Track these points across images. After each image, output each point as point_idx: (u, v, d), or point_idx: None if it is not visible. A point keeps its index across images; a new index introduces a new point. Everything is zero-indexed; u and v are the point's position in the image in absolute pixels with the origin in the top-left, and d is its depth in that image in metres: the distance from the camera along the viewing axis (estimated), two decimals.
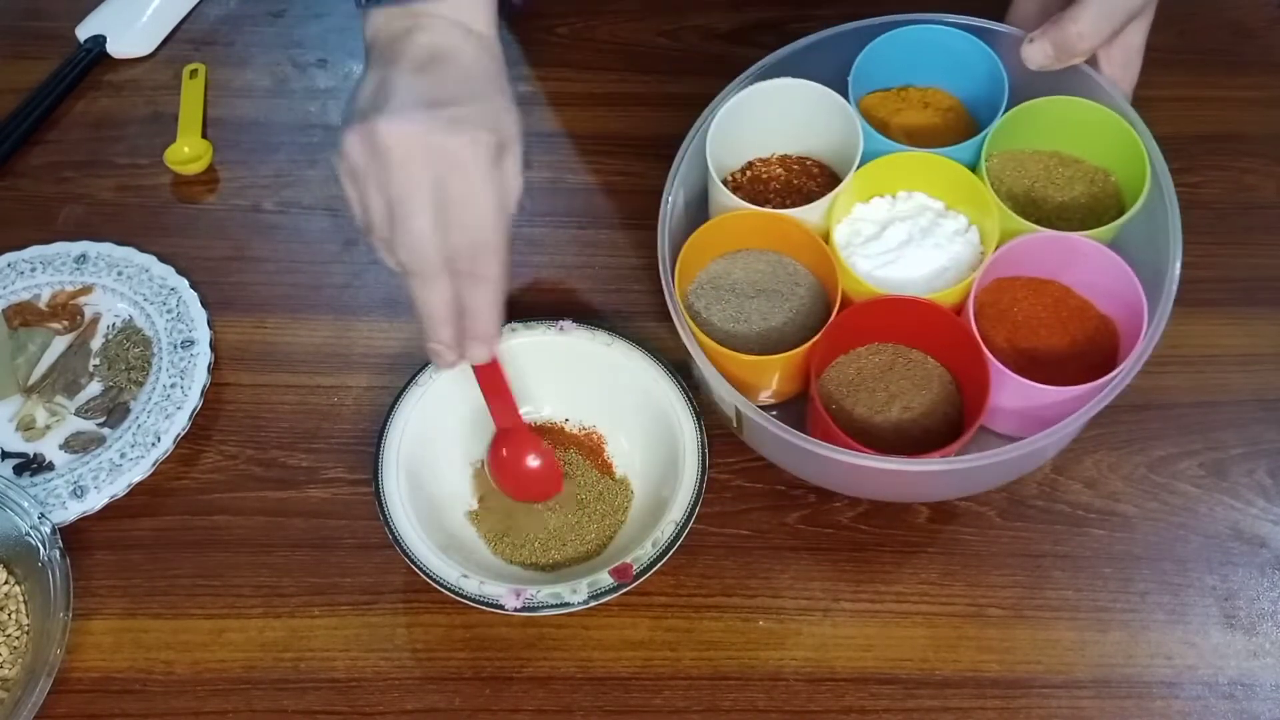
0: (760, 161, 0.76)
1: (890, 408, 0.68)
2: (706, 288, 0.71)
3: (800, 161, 0.76)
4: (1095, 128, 0.70)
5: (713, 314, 0.70)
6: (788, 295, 0.70)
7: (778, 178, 0.75)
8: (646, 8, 0.95)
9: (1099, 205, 0.71)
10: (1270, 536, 0.71)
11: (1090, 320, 0.69)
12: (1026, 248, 0.68)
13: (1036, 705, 0.66)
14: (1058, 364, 0.68)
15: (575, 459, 0.73)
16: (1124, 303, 0.67)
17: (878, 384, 0.69)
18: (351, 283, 0.83)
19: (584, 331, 0.73)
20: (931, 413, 0.68)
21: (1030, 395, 0.64)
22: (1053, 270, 0.70)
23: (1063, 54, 0.67)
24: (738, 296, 0.70)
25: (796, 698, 0.66)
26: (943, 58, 0.74)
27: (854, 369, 0.69)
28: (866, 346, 0.70)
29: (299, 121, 0.91)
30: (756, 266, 0.71)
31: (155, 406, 0.75)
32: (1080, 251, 0.67)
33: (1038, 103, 0.70)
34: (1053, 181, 0.72)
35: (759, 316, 0.70)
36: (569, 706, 0.66)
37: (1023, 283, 0.70)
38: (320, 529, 0.72)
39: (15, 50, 0.96)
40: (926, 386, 0.69)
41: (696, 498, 0.67)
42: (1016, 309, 0.70)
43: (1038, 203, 0.72)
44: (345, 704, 0.66)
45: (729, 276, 0.71)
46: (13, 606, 0.69)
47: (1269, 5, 0.94)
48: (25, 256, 0.82)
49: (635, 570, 0.65)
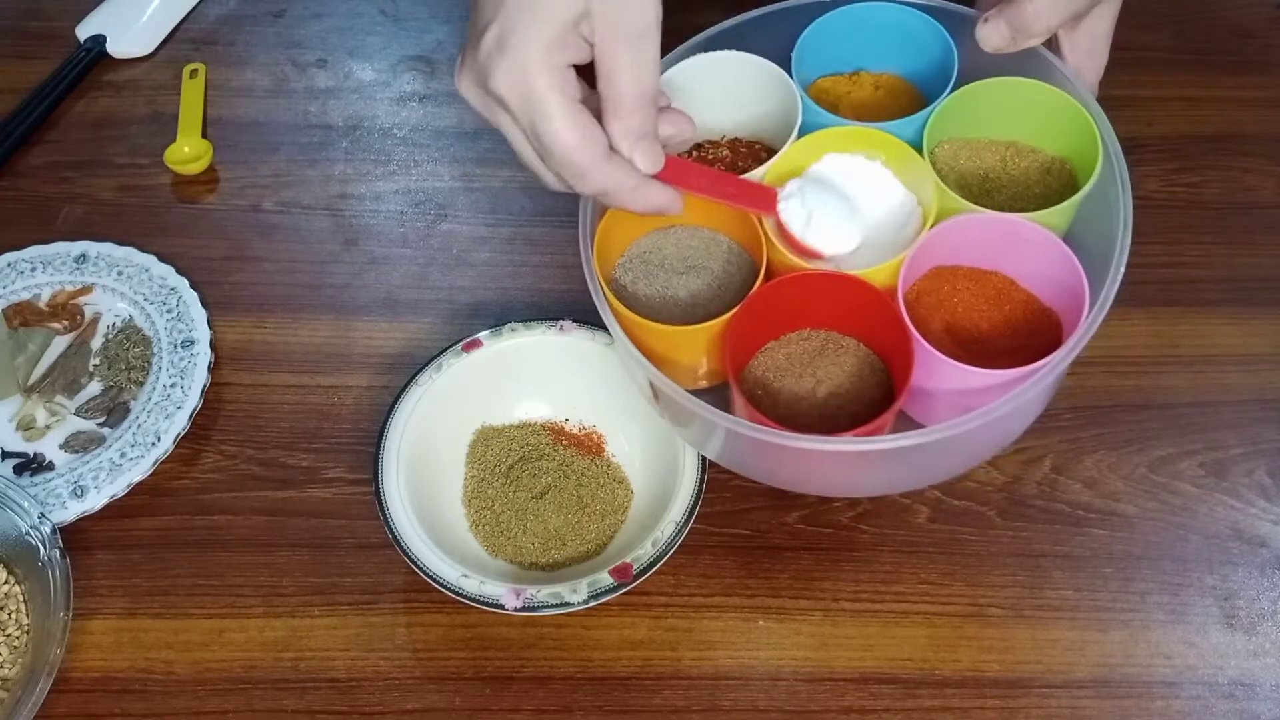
0: (710, 144, 0.73)
1: (816, 392, 0.65)
2: (635, 262, 0.69)
3: (749, 145, 0.72)
4: (1050, 113, 0.67)
5: (639, 288, 0.68)
6: (717, 271, 0.68)
7: (724, 160, 0.71)
8: None
9: (1055, 196, 0.67)
10: (1270, 536, 0.71)
11: (1033, 312, 0.66)
12: (966, 229, 0.64)
13: (1036, 705, 0.66)
14: (998, 355, 0.64)
15: (575, 459, 0.73)
16: (1068, 293, 0.63)
17: (805, 369, 0.66)
18: (351, 282, 0.83)
19: (584, 331, 0.73)
20: (859, 398, 0.65)
21: (961, 378, 0.61)
22: (995, 260, 0.67)
23: (1019, 34, 0.64)
24: (666, 272, 0.68)
25: (796, 697, 0.66)
26: (896, 39, 0.71)
27: (783, 354, 0.67)
28: (798, 332, 0.67)
29: (299, 121, 0.91)
30: (689, 243, 0.69)
31: (155, 406, 0.75)
32: (1022, 236, 0.64)
33: (989, 83, 0.67)
34: (1008, 171, 0.69)
35: (686, 292, 0.67)
36: (569, 706, 0.66)
37: (964, 272, 0.67)
38: (320, 529, 0.72)
39: (15, 50, 0.96)
40: (855, 370, 0.66)
41: (696, 497, 0.67)
42: (956, 299, 0.67)
43: (991, 192, 0.69)
44: (345, 704, 0.66)
45: (660, 252, 0.69)
46: (13, 606, 0.69)
47: (1268, 5, 0.94)
48: (25, 256, 0.83)
49: (635, 570, 0.65)
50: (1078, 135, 0.66)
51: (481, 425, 0.74)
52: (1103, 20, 0.65)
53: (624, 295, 0.67)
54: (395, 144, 0.90)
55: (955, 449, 0.64)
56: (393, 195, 0.87)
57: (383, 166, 0.89)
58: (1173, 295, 0.79)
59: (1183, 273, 0.81)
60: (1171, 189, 0.84)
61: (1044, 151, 0.69)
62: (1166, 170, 0.85)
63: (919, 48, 0.70)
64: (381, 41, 0.96)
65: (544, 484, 0.71)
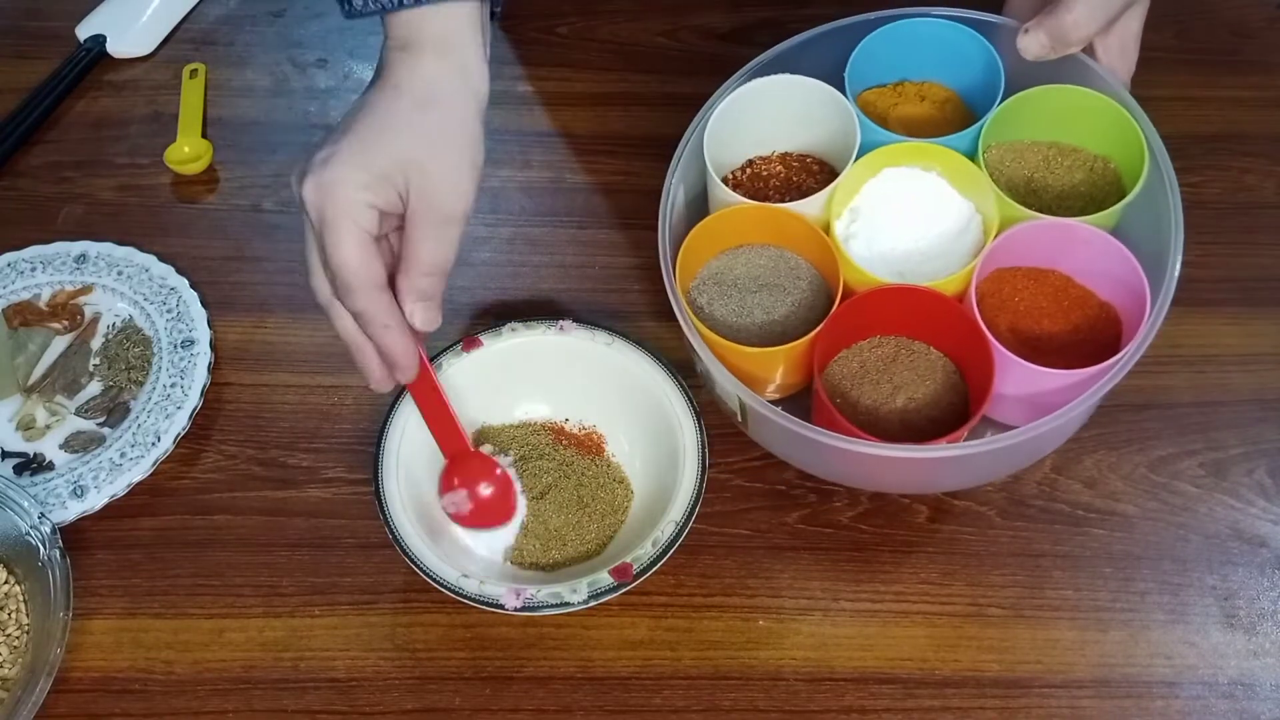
0: (760, 160, 0.76)
1: (895, 399, 0.68)
2: (709, 284, 0.71)
3: (800, 159, 0.76)
4: (1093, 115, 0.70)
5: (715, 309, 0.70)
6: (789, 289, 0.70)
7: (777, 175, 0.75)
8: (646, 8, 0.95)
9: (1099, 193, 0.71)
10: (1270, 536, 0.71)
11: (1092, 308, 0.69)
12: (1026, 234, 0.67)
13: (1036, 705, 0.66)
14: (1060, 352, 0.67)
15: (575, 458, 0.73)
16: (1125, 288, 0.66)
17: (881, 376, 0.69)
18: None
19: (584, 331, 0.73)
20: (936, 403, 0.68)
21: (1035, 380, 0.64)
22: (1052, 259, 0.70)
23: (1058, 43, 0.66)
24: (740, 291, 0.70)
25: (796, 697, 0.66)
26: (939, 51, 0.74)
27: (857, 362, 0.69)
28: (869, 340, 0.70)
29: (299, 121, 0.91)
30: (758, 261, 0.71)
31: (155, 406, 0.75)
32: (1080, 238, 0.67)
33: (1034, 92, 0.70)
34: (1051, 171, 0.72)
35: (761, 311, 0.70)
36: (569, 706, 0.66)
37: (1023, 272, 0.70)
38: (320, 529, 0.72)
39: (15, 50, 0.96)
40: (930, 377, 0.68)
41: (696, 497, 0.67)
42: (1018, 298, 0.69)
43: (1037, 192, 0.71)
44: (345, 704, 0.66)
45: (731, 272, 0.71)
46: (13, 606, 0.69)
47: (1268, 5, 0.94)
48: (25, 256, 0.83)
49: (635, 570, 0.65)
50: (1120, 135, 0.69)
51: (481, 425, 0.74)
52: (1133, 21, 0.68)
53: (702, 317, 0.70)
54: None
55: (1029, 447, 0.67)
56: None
57: None
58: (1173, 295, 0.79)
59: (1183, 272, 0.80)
60: None
61: (1086, 150, 0.72)
62: None
63: (963, 60, 0.73)
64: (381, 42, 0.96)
65: (544, 484, 0.71)
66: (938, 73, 0.76)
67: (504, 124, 0.90)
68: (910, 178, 0.71)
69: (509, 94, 0.92)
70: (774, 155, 0.76)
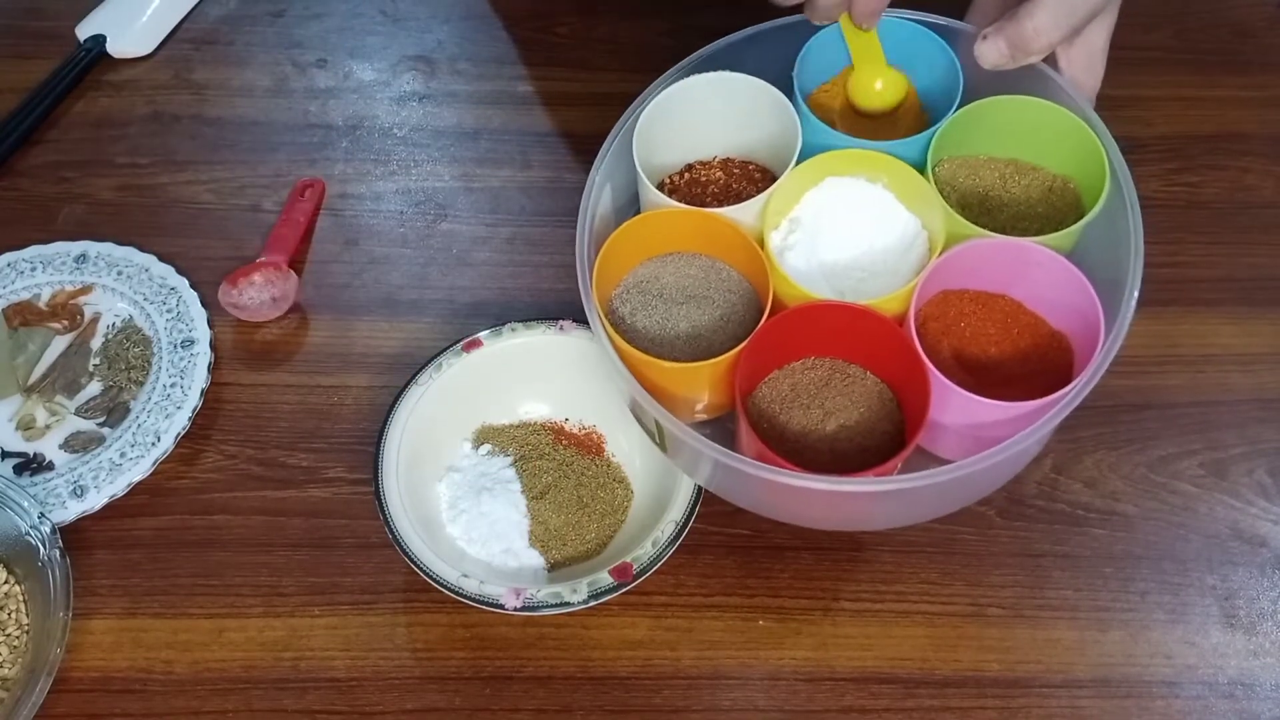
0: (701, 164, 0.71)
1: (825, 424, 0.63)
2: (633, 292, 0.66)
3: (742, 165, 0.71)
4: (1053, 131, 0.65)
5: (637, 320, 0.65)
6: (719, 302, 0.65)
7: (716, 181, 0.70)
8: (646, 7, 0.96)
9: (1057, 214, 0.66)
10: (1270, 536, 0.71)
11: (1042, 336, 0.64)
12: (974, 254, 0.63)
13: (1036, 705, 0.66)
14: (1007, 383, 0.62)
15: (575, 458, 0.73)
16: (1078, 316, 0.62)
17: (812, 400, 0.63)
18: (351, 282, 0.83)
19: (584, 331, 0.73)
20: (871, 430, 0.63)
21: (976, 411, 0.60)
22: (1003, 283, 0.65)
23: (1018, 52, 0.62)
24: (665, 302, 0.65)
25: (796, 697, 0.66)
26: (895, 52, 0.69)
27: (788, 384, 0.64)
28: (801, 361, 0.65)
29: (299, 121, 0.91)
30: (687, 271, 0.67)
31: (155, 406, 0.75)
32: (1033, 260, 0.62)
33: (992, 101, 0.65)
34: (1008, 189, 0.67)
35: (687, 323, 0.65)
36: (569, 706, 0.66)
37: (971, 296, 0.65)
38: (320, 529, 0.72)
39: (15, 50, 0.96)
40: (864, 403, 0.63)
41: (696, 497, 0.67)
42: (963, 323, 0.65)
43: (992, 211, 0.67)
44: (345, 703, 0.66)
45: (657, 281, 0.66)
46: (13, 606, 0.69)
47: (1268, 5, 0.94)
48: (25, 256, 0.82)
49: (635, 570, 0.65)
50: (1081, 153, 0.65)
51: (481, 425, 0.74)
52: (1099, 35, 0.65)
53: (623, 328, 0.65)
54: (395, 144, 0.90)
55: (971, 483, 0.63)
56: (393, 195, 0.87)
57: (383, 166, 0.89)
58: (1173, 295, 0.79)
59: (1183, 273, 0.81)
60: (1171, 189, 0.85)
61: (1046, 170, 0.68)
62: (1166, 170, 0.85)
63: (921, 64, 0.69)
64: (381, 41, 0.96)
65: (544, 483, 0.71)
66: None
67: (504, 124, 0.90)
68: (854, 188, 0.66)
69: (509, 94, 0.92)
70: (715, 160, 0.71)
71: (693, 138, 0.70)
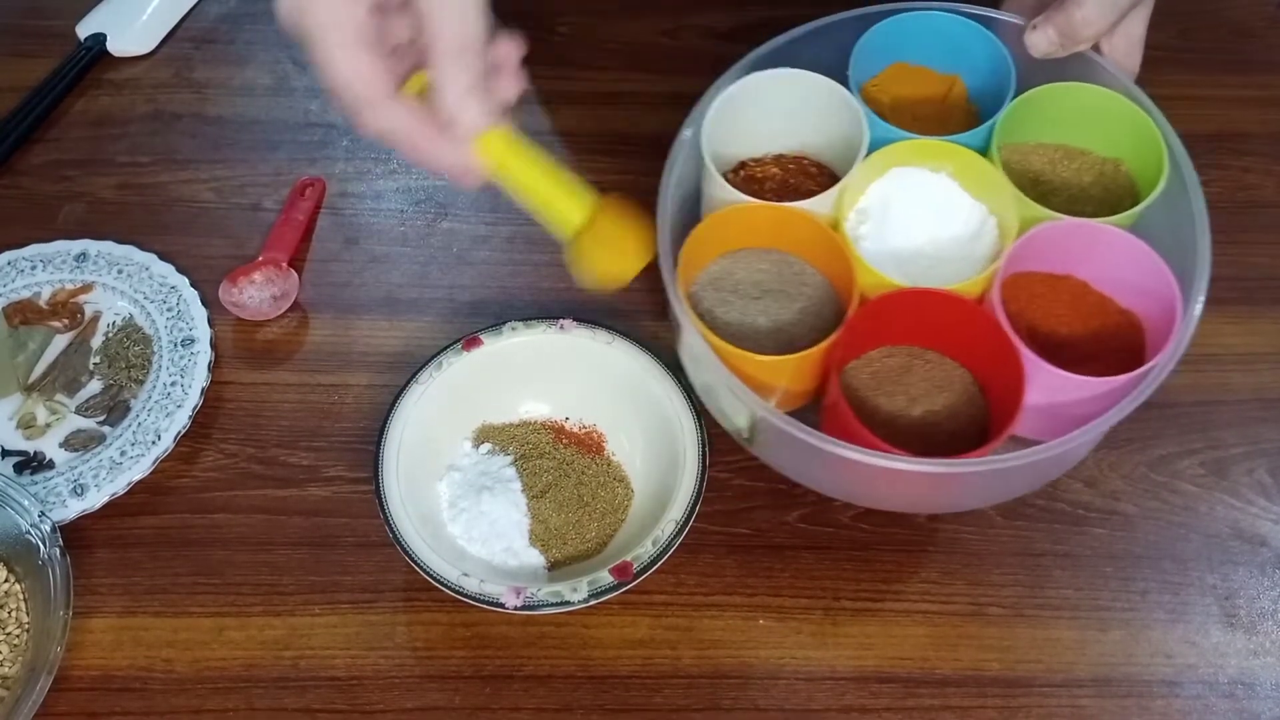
0: (753, 162, 0.73)
1: (912, 410, 0.65)
2: (708, 289, 0.68)
3: (796, 160, 0.73)
4: (1104, 115, 0.68)
5: (717, 314, 0.67)
6: (794, 294, 0.67)
7: (773, 177, 0.72)
8: (646, 7, 0.95)
9: (1111, 196, 0.69)
10: (1271, 535, 0.71)
11: (1110, 314, 0.66)
12: (1045, 237, 0.64)
13: (1037, 704, 0.66)
14: (1080, 361, 0.64)
15: (575, 457, 0.73)
16: (1149, 293, 0.64)
17: (896, 387, 0.65)
18: (352, 281, 0.83)
19: (584, 330, 0.73)
20: (956, 415, 0.65)
21: (1062, 390, 0.61)
22: (1069, 264, 0.67)
23: (1067, 41, 0.66)
24: (741, 297, 0.67)
25: (796, 696, 0.66)
26: (943, 45, 0.71)
27: (868, 373, 0.66)
28: (878, 350, 0.67)
29: (299, 120, 0.91)
30: (759, 266, 0.68)
31: (155, 405, 0.75)
32: (1102, 241, 0.64)
33: (1044, 90, 0.67)
34: (1059, 174, 0.70)
35: (765, 318, 0.67)
36: (569, 705, 0.66)
37: (1039, 277, 0.67)
38: (320, 527, 0.72)
39: (15, 48, 0.96)
40: (947, 387, 0.65)
41: (697, 496, 0.67)
42: (1036, 304, 0.67)
43: (1045, 195, 0.69)
44: (345, 702, 0.66)
45: (731, 276, 0.68)
46: (13, 604, 0.69)
47: (1269, 5, 0.94)
48: (25, 254, 0.82)
49: (635, 569, 0.65)
50: (1133, 136, 0.67)
51: (482, 424, 0.74)
52: (1138, 22, 0.67)
53: (705, 322, 0.66)
54: None
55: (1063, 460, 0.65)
56: (393, 194, 0.87)
57: (383, 165, 0.89)
58: None
59: None
60: None
61: (1094, 153, 0.70)
62: None
63: (966, 54, 0.71)
64: None
65: (544, 483, 0.71)
66: (942, 68, 0.74)
67: None
68: (919, 178, 0.68)
69: None
70: (768, 157, 0.73)
71: (748, 134, 0.72)
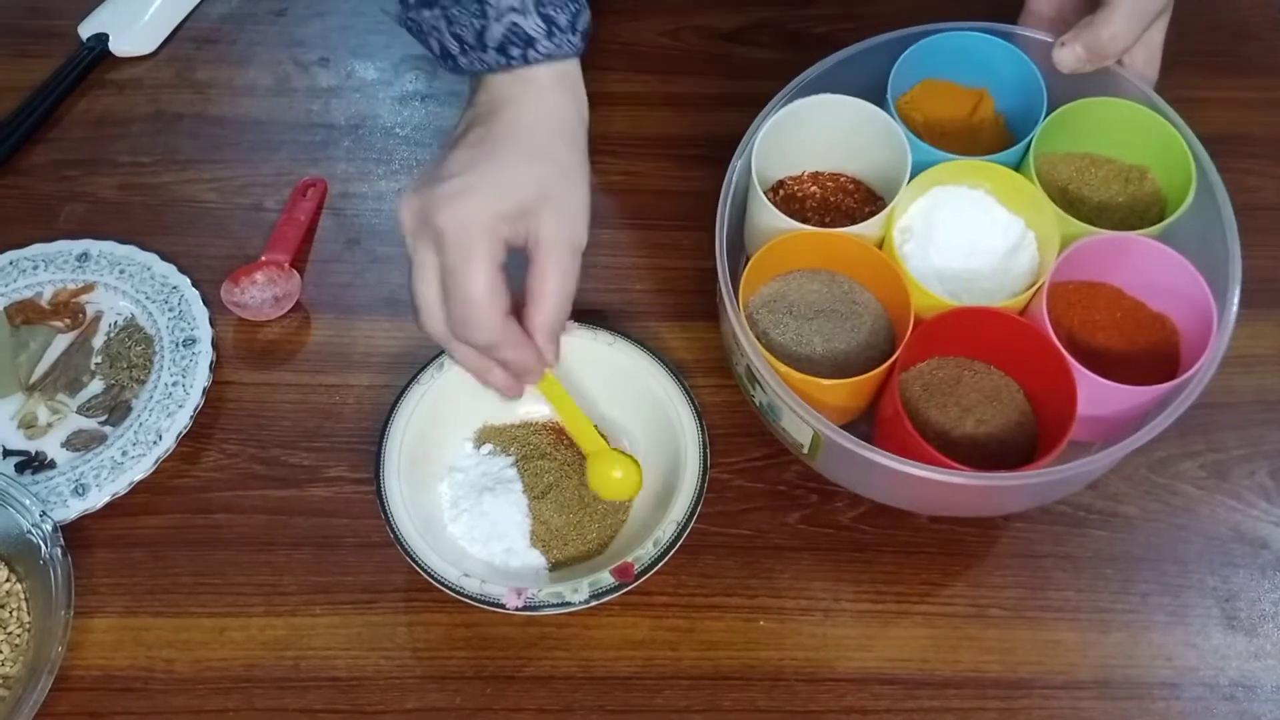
0: (791, 180, 0.75)
1: (964, 422, 0.67)
2: (763, 311, 0.69)
3: (834, 178, 0.75)
4: (1130, 125, 0.70)
5: (772, 335, 0.69)
6: (847, 315, 0.69)
7: (813, 196, 0.74)
8: (647, 7, 0.95)
9: (1139, 205, 0.70)
10: (1271, 538, 0.71)
11: (1145, 320, 0.68)
12: (1085, 250, 0.66)
13: (1037, 706, 0.66)
14: (1119, 366, 0.66)
15: (577, 458, 0.73)
16: (1181, 299, 0.66)
17: (948, 399, 0.67)
18: (353, 281, 0.83)
19: (586, 331, 0.73)
20: (1006, 424, 0.67)
21: (1106, 399, 0.63)
22: (1102, 273, 0.69)
23: (1095, 56, 0.67)
24: (796, 319, 0.69)
25: (797, 697, 0.66)
26: (973, 65, 0.73)
27: (919, 386, 0.68)
28: (928, 362, 0.68)
29: (301, 120, 0.91)
30: (810, 287, 0.70)
31: (157, 405, 0.75)
32: (1136, 251, 0.66)
33: (1077, 105, 0.69)
34: (1087, 183, 0.72)
35: (821, 339, 0.68)
36: (570, 706, 0.66)
37: (1074, 286, 0.69)
38: (322, 528, 0.72)
39: (17, 48, 0.96)
40: (996, 397, 0.67)
41: (698, 497, 0.67)
42: (1073, 313, 0.69)
43: (1074, 205, 0.71)
44: (346, 702, 0.67)
45: (784, 298, 0.70)
46: (14, 604, 0.69)
47: (1271, 7, 0.94)
48: (27, 254, 0.82)
49: (636, 570, 0.65)
50: (1158, 145, 0.69)
51: (483, 424, 0.74)
52: (1157, 32, 0.69)
53: (762, 343, 0.67)
54: (398, 143, 0.90)
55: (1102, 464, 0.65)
56: (395, 194, 0.87)
57: (385, 165, 0.89)
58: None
59: None
60: None
61: (1120, 161, 0.72)
62: None
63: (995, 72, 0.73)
64: (384, 40, 0.96)
65: (545, 483, 0.71)
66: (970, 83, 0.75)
67: None
68: (960, 195, 0.70)
69: None
70: (804, 175, 0.75)
71: (789, 156, 0.74)
